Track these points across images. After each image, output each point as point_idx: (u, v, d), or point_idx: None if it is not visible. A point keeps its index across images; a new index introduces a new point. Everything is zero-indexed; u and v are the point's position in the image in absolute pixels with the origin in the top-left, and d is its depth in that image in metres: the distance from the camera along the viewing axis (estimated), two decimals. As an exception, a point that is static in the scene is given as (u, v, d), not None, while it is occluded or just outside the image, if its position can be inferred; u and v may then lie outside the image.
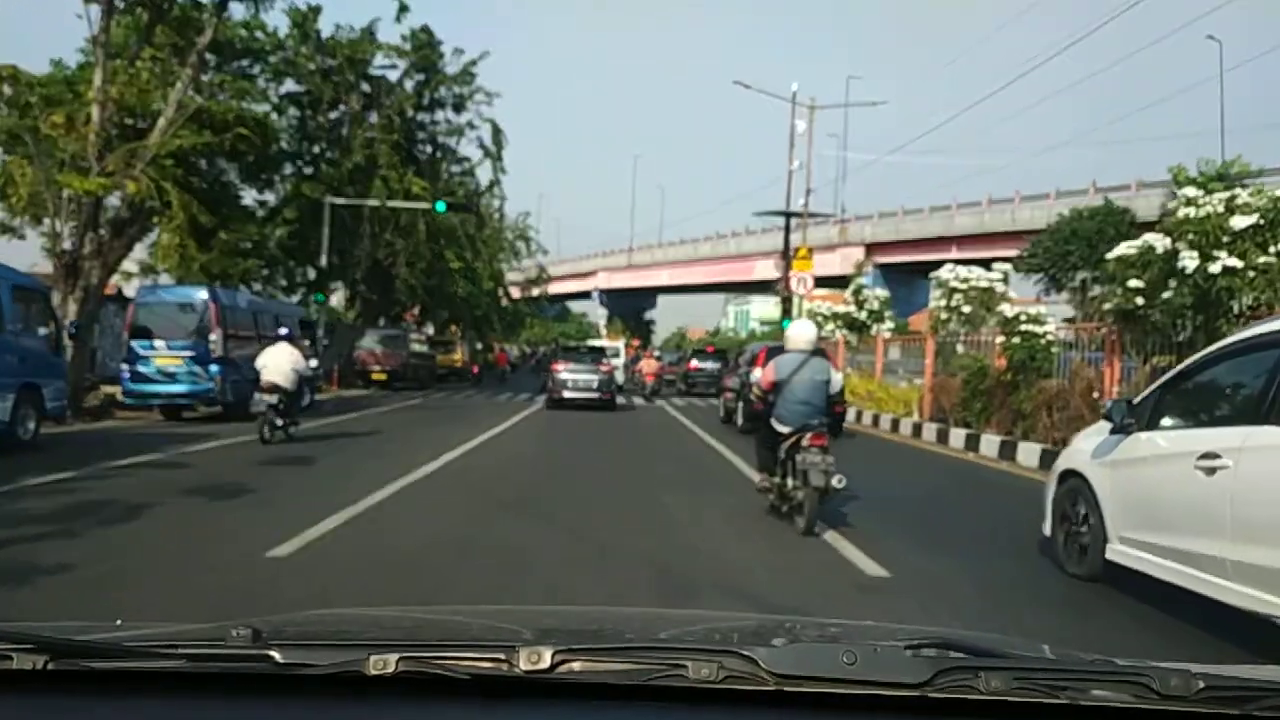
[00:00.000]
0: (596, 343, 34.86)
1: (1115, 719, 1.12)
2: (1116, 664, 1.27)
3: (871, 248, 51.70)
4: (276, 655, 1.18)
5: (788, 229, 31.30)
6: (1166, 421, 5.27)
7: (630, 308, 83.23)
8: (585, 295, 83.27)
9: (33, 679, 1.17)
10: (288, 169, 32.12)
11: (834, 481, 6.98)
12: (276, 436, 12.57)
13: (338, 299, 39.55)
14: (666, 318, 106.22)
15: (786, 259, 31.27)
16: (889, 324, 24.29)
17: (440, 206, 29.77)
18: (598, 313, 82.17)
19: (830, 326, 25.99)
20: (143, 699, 1.18)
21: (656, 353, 41.86)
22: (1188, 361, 5.56)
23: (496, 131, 35.13)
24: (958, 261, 48.61)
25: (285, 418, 12.73)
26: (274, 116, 31.28)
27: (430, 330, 47.06)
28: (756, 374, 9.03)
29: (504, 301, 56.10)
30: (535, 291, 61.33)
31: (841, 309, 26.19)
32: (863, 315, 23.73)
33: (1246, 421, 4.47)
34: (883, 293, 24.14)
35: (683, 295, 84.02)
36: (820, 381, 7.41)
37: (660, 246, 73.39)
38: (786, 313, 29.96)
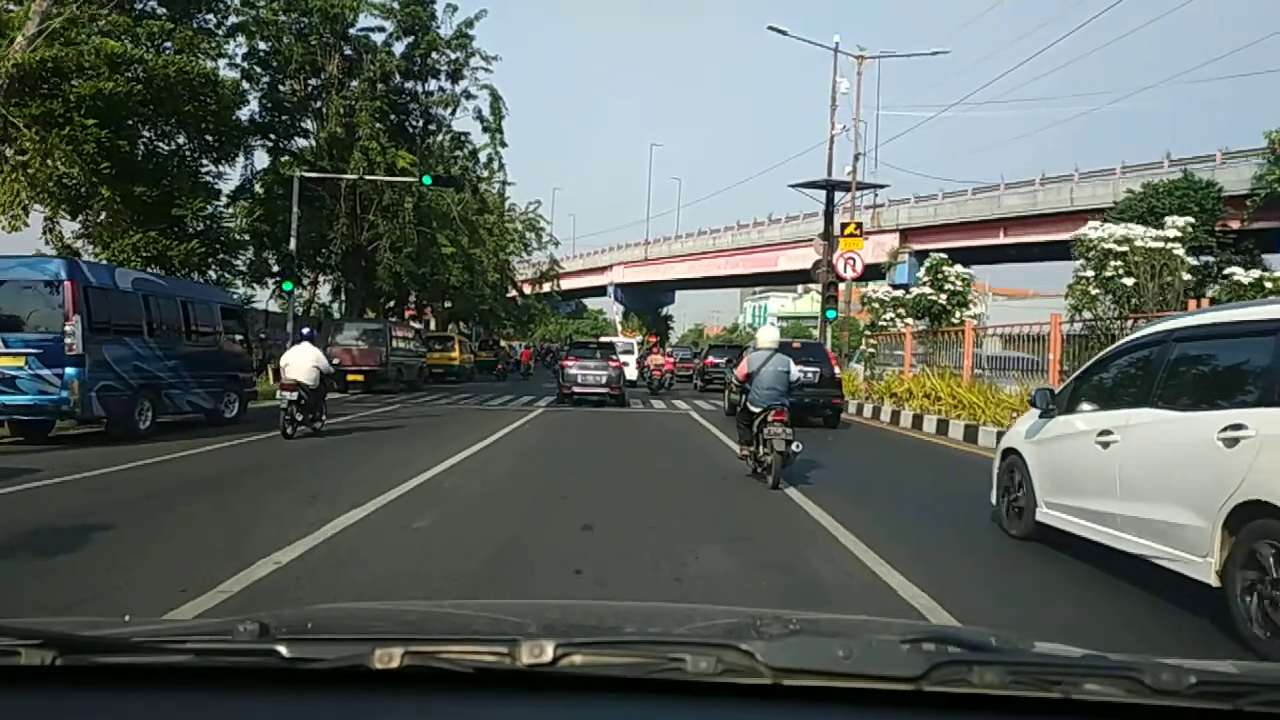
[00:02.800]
0: (607, 339, 33.67)
1: (1108, 713, 1.08)
2: (1109, 659, 1.23)
3: (907, 234, 46.30)
4: (283, 649, 1.15)
5: (829, 202, 26.06)
6: (1082, 406, 6.04)
7: (647, 303, 78.11)
8: (601, 291, 78.34)
9: (42, 675, 1.13)
10: (257, 142, 27.31)
11: (793, 447, 8.66)
12: (299, 432, 12.61)
13: (325, 290, 34.84)
14: (684, 314, 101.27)
15: (829, 239, 26.06)
16: (976, 309, 19.06)
17: (427, 180, 24.77)
18: (614, 309, 77.30)
19: (889, 315, 20.80)
20: (151, 693, 1.14)
21: (669, 349, 41.84)
22: (1097, 356, 6.49)
23: (496, 99, 30.12)
24: (1005, 247, 43.16)
25: (309, 413, 12.77)
26: (245, 84, 26.49)
27: (430, 325, 42.29)
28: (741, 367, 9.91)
29: (513, 295, 51.17)
30: (546, 287, 56.01)
31: (906, 293, 21.01)
32: (942, 299, 18.52)
33: (1133, 404, 5.31)
34: (966, 272, 19.05)
35: (702, 290, 78.88)
36: (782, 372, 9.09)
37: (678, 239, 68.12)
38: (832, 300, 24.77)
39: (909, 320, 19.97)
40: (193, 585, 4.72)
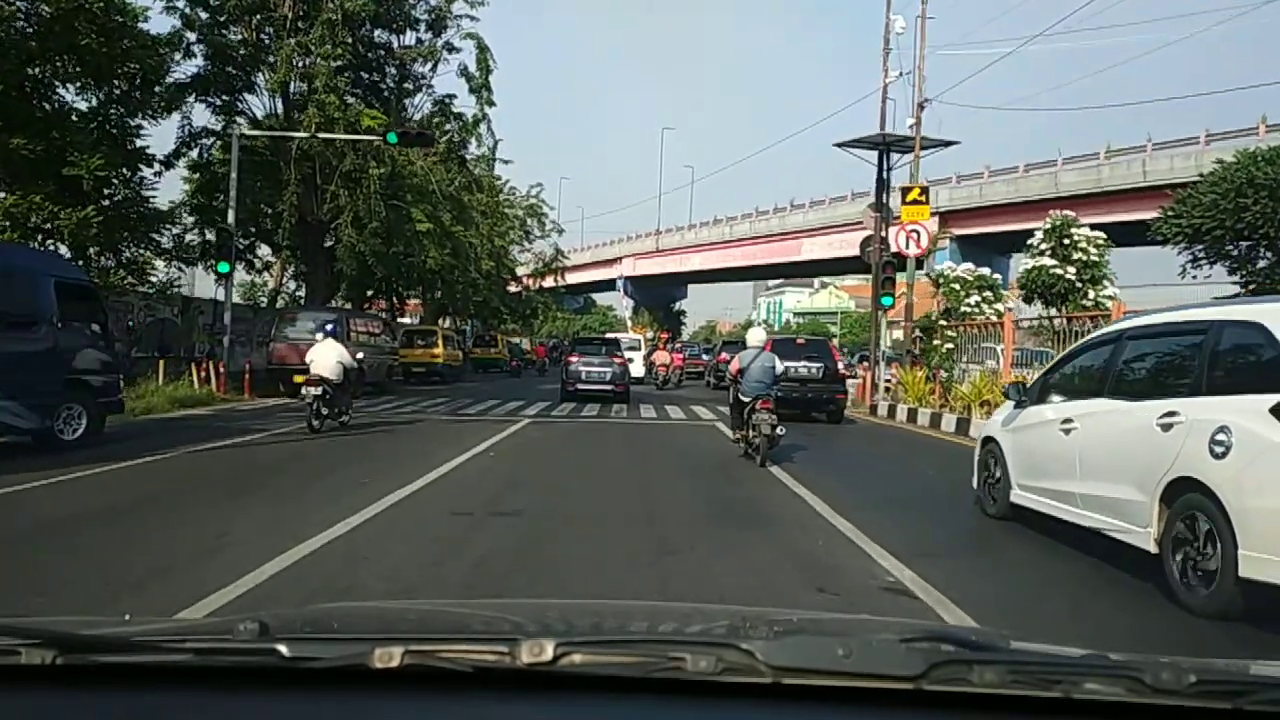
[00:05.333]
0: (613, 335, 32.73)
1: (1108, 713, 1.07)
2: (1109, 658, 1.21)
3: (948, 217, 41.43)
4: (283, 649, 1.13)
5: (883, 164, 21.29)
6: (1050, 398, 6.60)
7: (659, 297, 73.42)
8: (610, 285, 73.80)
9: (41, 674, 1.11)
10: (199, 99, 22.79)
11: (777, 430, 9.89)
12: (326, 425, 12.56)
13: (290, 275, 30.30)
14: (696, 310, 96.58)
15: (882, 209, 21.32)
16: (1112, 289, 14.25)
17: (392, 138, 20.15)
18: (623, 303, 72.78)
19: (973, 299, 16.09)
20: (151, 693, 1.13)
21: (678, 345, 40.24)
22: (1063, 353, 7.46)
23: (482, 50, 25.46)
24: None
25: (334, 407, 12.75)
26: (187, 33, 22.01)
27: (418, 319, 37.81)
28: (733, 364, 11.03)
29: (512, 287, 46.52)
30: (550, 281, 50.94)
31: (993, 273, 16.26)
32: (1070, 273, 13.71)
33: (1091, 395, 5.94)
34: (1100, 235, 14.27)
35: (717, 283, 74.22)
36: (768, 367, 10.30)
37: (691, 228, 63.38)
38: (887, 286, 20.01)
39: (1004, 306, 15.21)
40: None
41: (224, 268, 19.95)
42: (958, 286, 16.32)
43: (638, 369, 27.12)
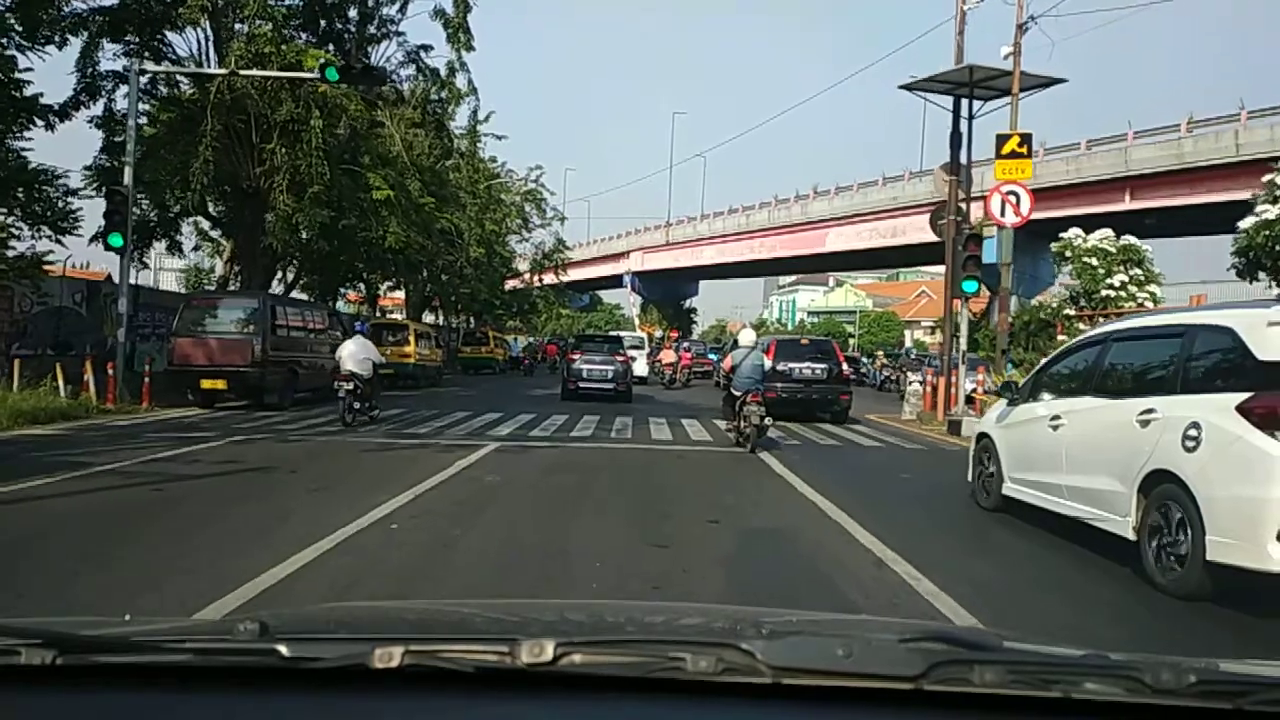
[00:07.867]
0: (616, 333, 30.94)
1: (1108, 712, 1.05)
2: (1109, 658, 1.20)
3: (994, 202, 36.51)
4: (283, 649, 1.12)
5: (959, 111, 16.54)
6: (1041, 395, 6.89)
7: (668, 294, 68.67)
8: (617, 282, 69.19)
9: (41, 674, 1.09)
10: (111, 42, 18.26)
11: (765, 421, 10.86)
12: (358, 420, 12.64)
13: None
14: (706, 308, 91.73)
15: (958, 170, 16.59)
16: None
17: (332, 74, 15.47)
18: (631, 300, 68.14)
19: (1117, 278, 11.41)
20: (151, 693, 1.11)
21: (685, 344, 38.56)
22: (1053, 354, 7.66)
23: (459, -15, 20.78)
24: (1132, 215, 33.15)
25: (365, 402, 12.87)
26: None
27: (404, 314, 33.25)
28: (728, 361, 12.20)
29: (512, 283, 41.86)
30: (552, 277, 45.87)
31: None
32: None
33: (1078, 393, 6.26)
34: None
35: (731, 279, 69.46)
36: (758, 365, 11.32)
37: (704, 219, 58.56)
38: (970, 267, 15.27)
39: (1156, 288, 10.46)
40: None
41: (116, 240, 15.30)
42: (1094, 262, 11.63)
43: (640, 368, 26.12)
